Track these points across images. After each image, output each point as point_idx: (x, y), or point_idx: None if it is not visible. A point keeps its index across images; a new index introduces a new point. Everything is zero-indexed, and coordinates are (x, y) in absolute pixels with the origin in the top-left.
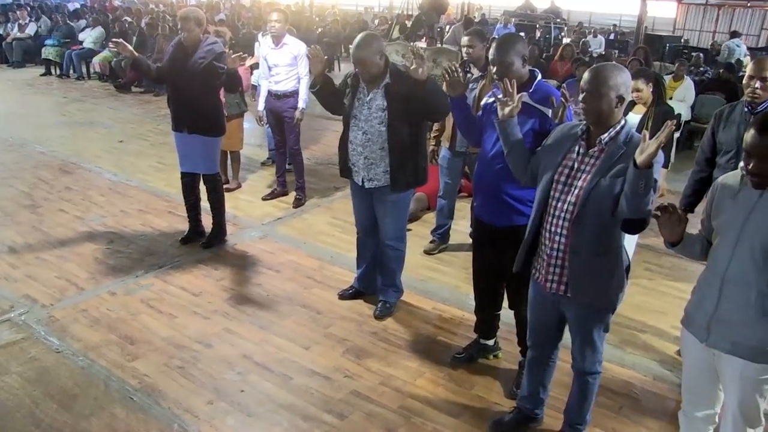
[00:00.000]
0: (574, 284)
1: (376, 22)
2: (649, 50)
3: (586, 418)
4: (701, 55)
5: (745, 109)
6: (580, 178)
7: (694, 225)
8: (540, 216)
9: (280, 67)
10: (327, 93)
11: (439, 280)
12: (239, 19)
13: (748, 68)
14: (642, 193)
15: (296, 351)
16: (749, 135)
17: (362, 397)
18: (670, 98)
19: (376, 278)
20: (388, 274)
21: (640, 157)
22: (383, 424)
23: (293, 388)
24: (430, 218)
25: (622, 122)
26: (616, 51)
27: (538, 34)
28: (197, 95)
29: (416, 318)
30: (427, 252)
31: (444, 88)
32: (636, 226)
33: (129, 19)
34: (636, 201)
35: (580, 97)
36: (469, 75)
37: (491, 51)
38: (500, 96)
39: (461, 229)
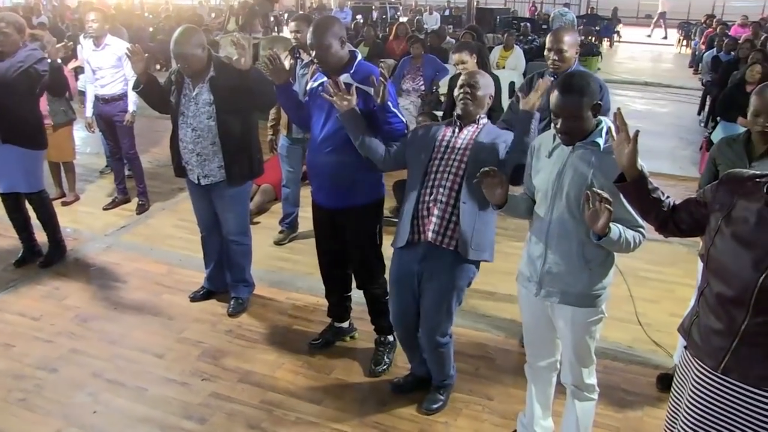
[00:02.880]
0: (462, 236)
1: (213, 15)
2: (480, 28)
3: (451, 374)
4: (528, 24)
5: (551, 78)
6: (460, 145)
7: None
8: (418, 194)
9: (105, 69)
10: (151, 92)
11: (291, 269)
12: (63, 22)
13: (547, 40)
14: (531, 134)
15: (150, 361)
16: (554, 96)
17: (222, 398)
18: (503, 67)
19: (226, 276)
20: (237, 270)
21: (526, 105)
22: (245, 422)
23: (149, 400)
24: (279, 209)
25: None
26: (451, 26)
27: (375, 15)
28: (11, 103)
29: (270, 310)
30: (277, 242)
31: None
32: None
33: None
34: (526, 141)
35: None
36: (298, 60)
37: (308, 35)
38: (332, 97)
39: (310, 215)
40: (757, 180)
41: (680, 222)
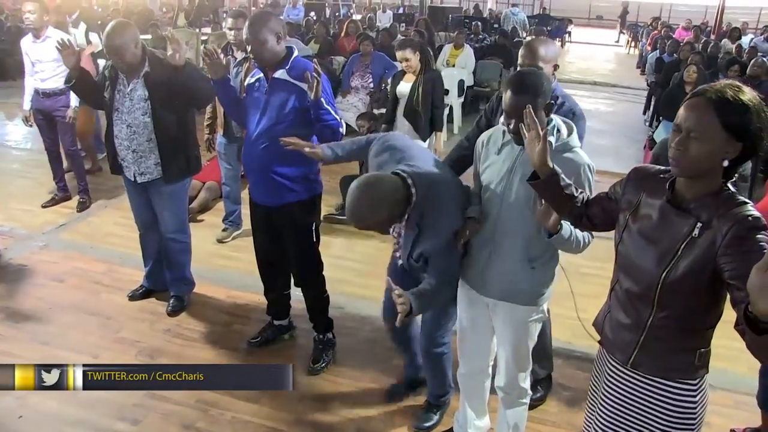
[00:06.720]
0: None
1: (164, 9)
2: (429, 21)
3: (447, 390)
4: (479, 23)
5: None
6: None
7: None
8: None
9: (45, 62)
10: (84, 87)
11: (233, 267)
12: (2, 12)
13: (520, 54)
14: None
15: (84, 362)
16: (506, 96)
17: (157, 398)
18: (453, 65)
19: (166, 274)
20: (176, 268)
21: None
22: (180, 422)
23: (81, 402)
24: (222, 206)
25: None
26: (403, 24)
27: (328, 12)
28: None
29: (210, 308)
30: (220, 240)
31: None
32: None
33: None
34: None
35: None
36: (231, 58)
37: (244, 30)
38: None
39: None
40: (662, 176)
41: (593, 217)
